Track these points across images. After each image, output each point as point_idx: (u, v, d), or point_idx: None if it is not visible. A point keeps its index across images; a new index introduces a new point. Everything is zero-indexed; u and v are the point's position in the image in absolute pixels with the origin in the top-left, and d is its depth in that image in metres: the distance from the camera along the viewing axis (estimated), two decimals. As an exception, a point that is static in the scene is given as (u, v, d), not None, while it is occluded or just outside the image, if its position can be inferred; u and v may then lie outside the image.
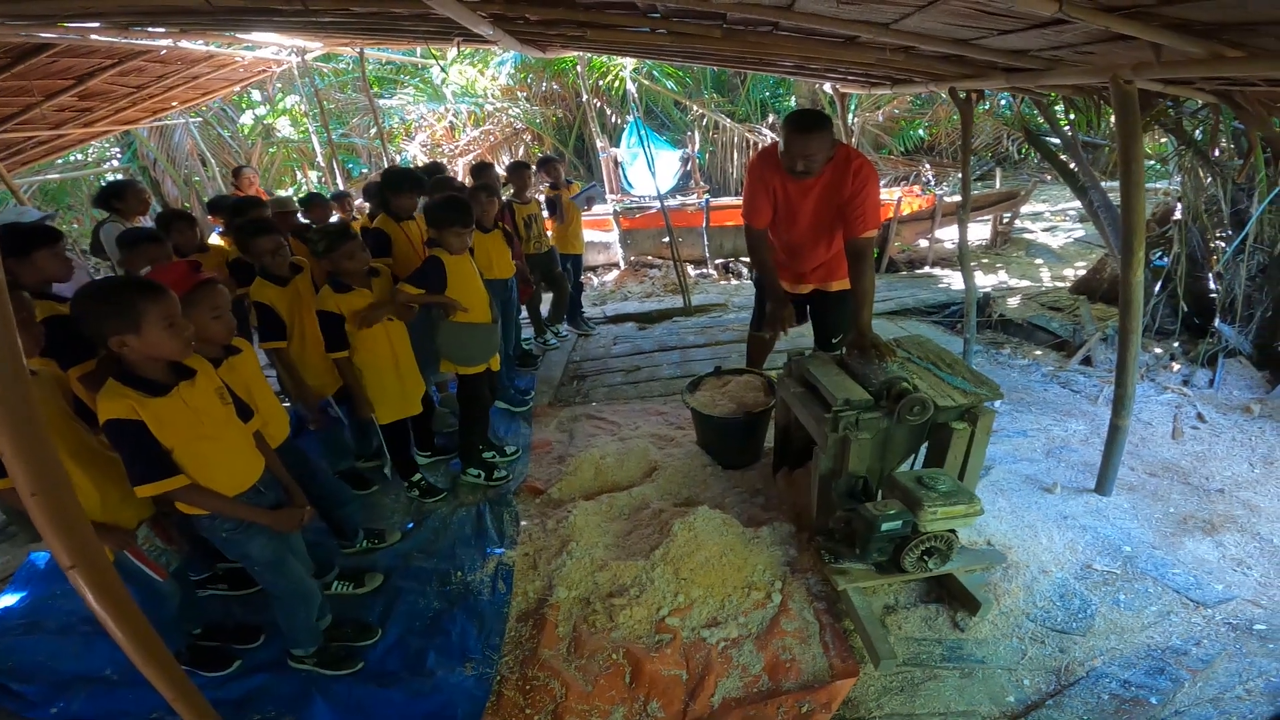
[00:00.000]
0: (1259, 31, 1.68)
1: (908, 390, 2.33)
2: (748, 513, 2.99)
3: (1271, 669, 2.18)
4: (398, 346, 3.06)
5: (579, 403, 4.50)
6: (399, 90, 12.94)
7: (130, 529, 2.04)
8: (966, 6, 1.92)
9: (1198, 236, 4.72)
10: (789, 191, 3.02)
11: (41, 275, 2.39)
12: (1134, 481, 3.21)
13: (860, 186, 2.84)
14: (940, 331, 5.56)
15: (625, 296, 7.85)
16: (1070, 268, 7.56)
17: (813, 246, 3.20)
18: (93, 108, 5.88)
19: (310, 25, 4.18)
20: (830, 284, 3.35)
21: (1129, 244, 2.69)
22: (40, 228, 2.56)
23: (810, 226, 3.09)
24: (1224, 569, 2.65)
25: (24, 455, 0.99)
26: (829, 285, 3.36)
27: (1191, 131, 4.43)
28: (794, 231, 3.15)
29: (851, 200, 2.86)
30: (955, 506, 2.09)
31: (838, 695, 2.16)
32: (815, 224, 3.07)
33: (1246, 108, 2.54)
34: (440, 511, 3.33)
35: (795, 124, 2.80)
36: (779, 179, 2.99)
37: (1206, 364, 4.47)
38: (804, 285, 3.40)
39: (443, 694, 2.31)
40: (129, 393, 1.78)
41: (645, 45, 3.92)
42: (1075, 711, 2.08)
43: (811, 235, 3.13)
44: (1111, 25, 1.76)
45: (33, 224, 2.77)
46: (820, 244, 3.18)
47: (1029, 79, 2.93)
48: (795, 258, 3.30)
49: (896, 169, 11.89)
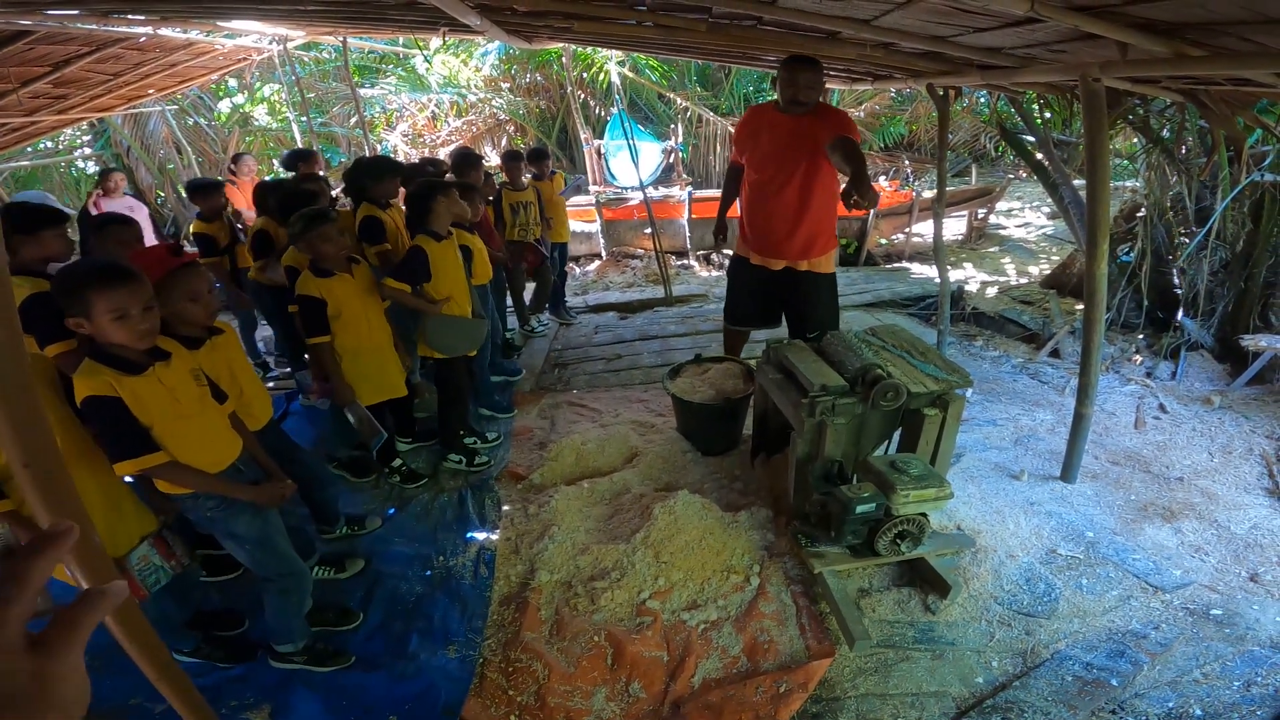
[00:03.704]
0: (1219, 31, 1.74)
1: (882, 376, 2.39)
2: (727, 498, 3.05)
3: (1227, 653, 2.27)
4: (376, 329, 3.05)
5: (560, 390, 4.53)
6: (381, 80, 12.79)
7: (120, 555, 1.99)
8: (943, 4, 1.97)
9: (1163, 232, 4.85)
10: (771, 126, 3.31)
11: (44, 254, 2.38)
12: (1098, 470, 3.32)
13: (830, 116, 3.20)
14: (916, 323, 5.66)
15: (607, 286, 7.88)
16: (1042, 263, 7.71)
17: (783, 176, 3.30)
18: (68, 95, 5.77)
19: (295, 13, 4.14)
20: (801, 263, 3.43)
21: (1093, 238, 2.77)
22: (48, 208, 2.57)
23: (781, 153, 3.29)
24: (1182, 555, 2.75)
25: (17, 426, 1.00)
26: (800, 264, 3.44)
27: (1159, 130, 4.55)
28: (766, 159, 3.35)
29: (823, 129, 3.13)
30: (926, 490, 2.16)
31: (814, 675, 2.22)
32: (787, 152, 3.27)
33: (1211, 106, 2.62)
34: (422, 497, 3.35)
35: (796, 59, 3.16)
36: (767, 122, 3.33)
37: (1169, 357, 4.61)
38: (776, 260, 3.47)
39: (426, 677, 2.33)
40: (105, 370, 1.79)
41: (632, 37, 3.95)
42: (1040, 692, 2.15)
43: (781, 162, 3.29)
44: (1080, 24, 1.82)
45: (40, 204, 2.77)
46: (790, 179, 3.29)
47: (1003, 76, 3.00)
48: (765, 194, 3.39)
49: (876, 164, 12.00)
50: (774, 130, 3.28)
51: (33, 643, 0.41)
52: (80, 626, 0.44)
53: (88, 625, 0.44)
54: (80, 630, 0.44)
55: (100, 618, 0.45)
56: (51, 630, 0.43)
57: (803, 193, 3.28)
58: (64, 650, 0.42)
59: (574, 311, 6.12)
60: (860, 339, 2.80)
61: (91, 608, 0.44)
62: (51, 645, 0.42)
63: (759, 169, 3.38)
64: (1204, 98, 2.60)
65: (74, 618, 0.44)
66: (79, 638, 0.44)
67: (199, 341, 2.15)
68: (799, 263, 3.44)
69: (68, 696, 0.42)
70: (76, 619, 0.44)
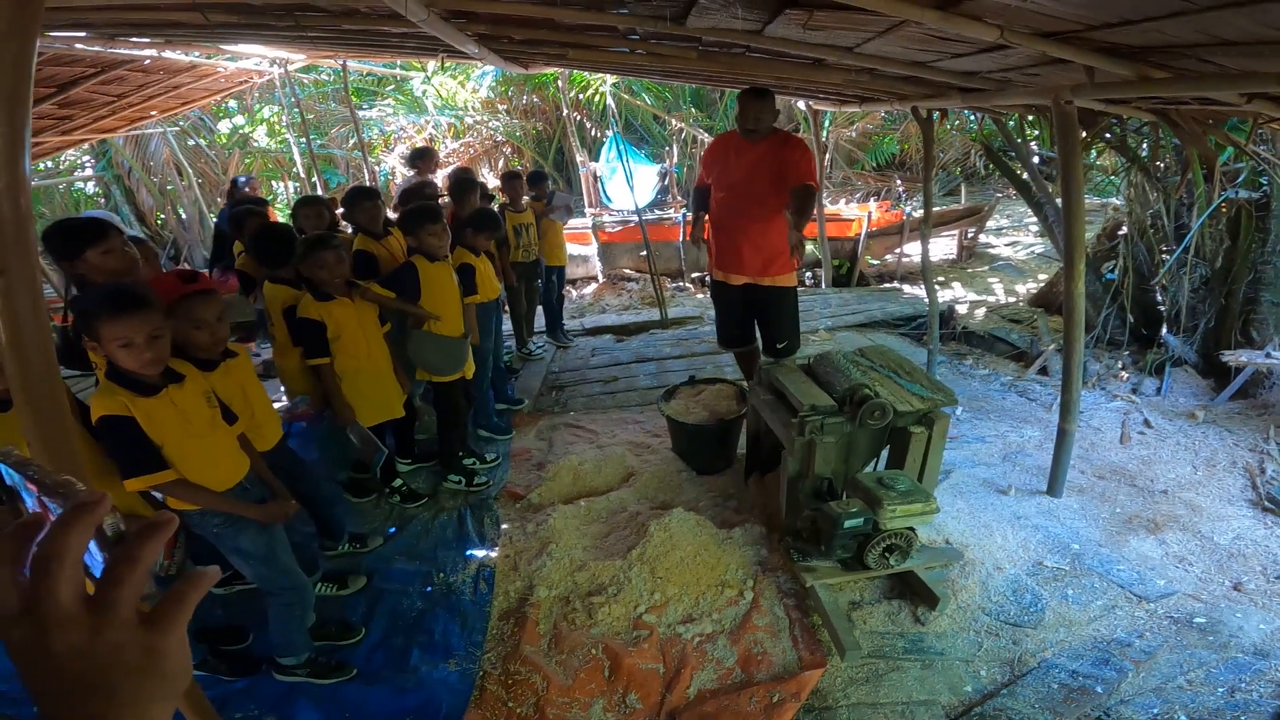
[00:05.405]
0: (1180, 54, 1.83)
1: (869, 396, 2.47)
2: (721, 515, 3.11)
3: (1211, 660, 2.32)
4: (375, 352, 3.10)
5: (558, 412, 4.59)
6: (379, 102, 12.96)
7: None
8: (920, 32, 2.08)
9: (1144, 250, 4.95)
10: (737, 151, 3.55)
11: (99, 272, 2.36)
12: (1084, 484, 3.39)
13: (792, 151, 3.41)
14: (907, 343, 5.74)
15: (603, 309, 7.95)
16: (1030, 281, 7.82)
17: (743, 201, 3.50)
18: (72, 116, 5.86)
19: (299, 39, 4.25)
20: (763, 279, 3.60)
21: (1069, 258, 2.87)
22: (86, 223, 2.50)
23: (745, 179, 3.51)
24: (1166, 565, 2.81)
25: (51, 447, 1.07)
26: (761, 280, 3.60)
27: (1136, 148, 4.67)
28: (729, 180, 3.58)
29: (787, 161, 3.37)
30: (913, 505, 2.23)
31: (806, 685, 2.28)
32: (748, 177, 3.50)
33: (1182, 125, 2.71)
34: (422, 516, 3.40)
35: (747, 92, 3.48)
36: (733, 147, 3.58)
37: (1154, 373, 4.69)
38: (738, 275, 3.64)
39: (427, 690, 2.38)
40: (120, 391, 1.86)
41: (625, 64, 4.07)
42: (1027, 700, 2.20)
43: (743, 187, 3.51)
44: (1048, 49, 1.93)
45: (78, 220, 2.68)
46: (750, 201, 3.48)
47: (982, 99, 3.12)
48: (728, 212, 3.59)
49: (868, 184, 12.14)
50: (739, 156, 3.49)
51: (143, 619, 0.46)
52: (186, 603, 0.48)
53: (191, 602, 0.48)
54: (186, 607, 0.48)
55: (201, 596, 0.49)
56: (160, 607, 0.47)
57: (763, 215, 3.44)
58: (171, 625, 0.46)
59: (571, 335, 6.19)
60: (848, 359, 2.88)
61: (195, 586, 0.48)
62: (160, 621, 0.46)
63: (724, 190, 3.59)
64: (1175, 117, 2.70)
65: (180, 595, 0.48)
66: (184, 614, 0.47)
67: (213, 364, 2.22)
68: (760, 279, 3.60)
69: (174, 668, 0.46)
70: (183, 596, 0.48)
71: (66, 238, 2.39)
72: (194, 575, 0.49)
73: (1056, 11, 1.63)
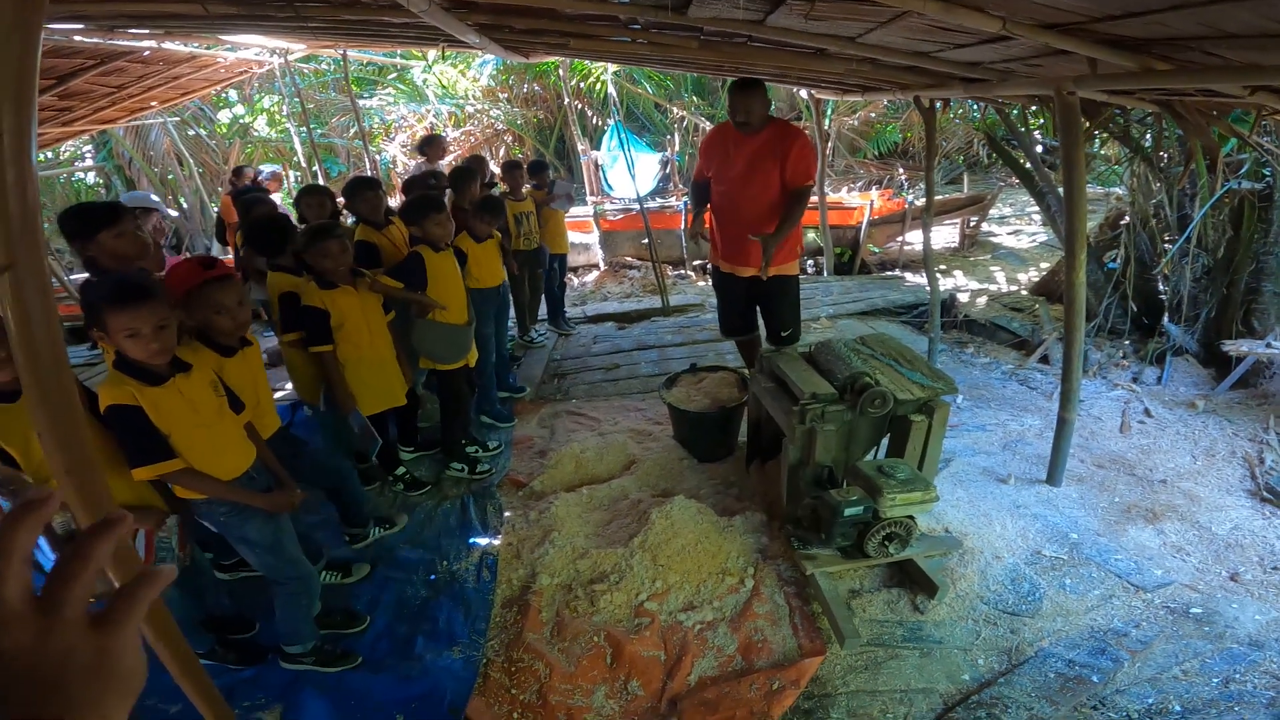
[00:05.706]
0: (1183, 46, 1.83)
1: (869, 385, 2.48)
2: (722, 503, 3.13)
3: (1207, 650, 2.34)
4: (378, 340, 3.11)
5: (559, 400, 4.61)
6: (379, 91, 12.92)
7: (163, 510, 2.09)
8: (923, 23, 2.07)
9: (1146, 240, 4.95)
10: (735, 143, 3.48)
11: (112, 255, 2.40)
12: (1083, 473, 3.41)
13: (791, 144, 3.33)
14: (909, 331, 5.75)
15: (605, 297, 7.96)
16: (1032, 270, 7.80)
17: (744, 196, 3.47)
18: (72, 107, 5.85)
19: (299, 29, 4.24)
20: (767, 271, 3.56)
21: (1070, 247, 2.87)
22: (100, 206, 2.58)
23: (743, 174, 3.46)
24: (1164, 555, 2.83)
25: (60, 439, 1.09)
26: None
27: (1139, 138, 4.65)
28: (730, 174, 3.51)
29: (785, 156, 3.33)
30: (912, 493, 2.24)
31: (806, 673, 2.31)
32: (748, 172, 3.44)
33: (1185, 116, 2.70)
34: (425, 504, 3.43)
35: (737, 84, 3.40)
36: (731, 139, 3.49)
37: (1155, 362, 4.70)
38: (743, 268, 3.62)
39: (431, 677, 2.41)
40: (128, 381, 1.87)
41: (627, 53, 4.05)
42: (1024, 689, 2.22)
43: (744, 181, 3.46)
44: (1050, 41, 1.92)
45: (93, 204, 2.78)
46: (751, 196, 3.45)
47: (985, 89, 3.11)
48: (730, 206, 3.55)
49: (871, 172, 12.10)
50: (738, 149, 3.45)
51: (93, 620, 0.44)
52: (137, 603, 0.46)
53: (143, 602, 0.46)
54: (137, 607, 0.46)
55: (154, 596, 0.47)
56: (111, 607, 0.45)
57: (764, 207, 3.42)
58: (122, 626, 0.45)
59: (572, 322, 6.20)
60: (849, 348, 2.89)
61: (148, 585, 0.47)
62: (111, 621, 0.45)
63: (724, 183, 3.55)
64: (1178, 108, 2.69)
65: (131, 595, 0.46)
66: (136, 614, 0.46)
67: (232, 350, 2.24)
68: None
69: (127, 668, 0.45)
70: (134, 596, 0.46)
71: (81, 220, 2.44)
72: (148, 574, 0.47)
73: (1059, 3, 1.62)
